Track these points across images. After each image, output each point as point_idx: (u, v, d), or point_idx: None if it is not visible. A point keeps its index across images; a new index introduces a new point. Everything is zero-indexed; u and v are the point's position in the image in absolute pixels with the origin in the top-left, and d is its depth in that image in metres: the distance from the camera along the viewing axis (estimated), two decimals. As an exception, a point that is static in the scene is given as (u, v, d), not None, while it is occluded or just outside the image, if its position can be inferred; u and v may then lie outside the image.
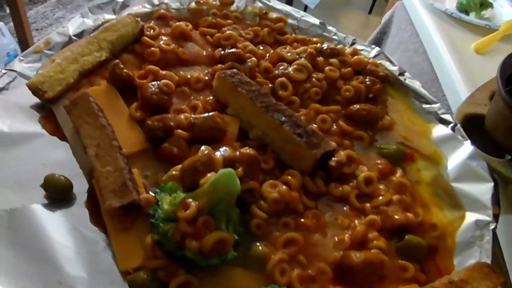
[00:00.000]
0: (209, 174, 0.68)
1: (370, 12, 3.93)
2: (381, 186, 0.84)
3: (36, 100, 0.86)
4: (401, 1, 1.70)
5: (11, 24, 2.57)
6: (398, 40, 1.68)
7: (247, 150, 0.76)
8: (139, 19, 0.97)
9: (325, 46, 1.01)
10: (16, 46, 2.53)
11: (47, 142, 0.82)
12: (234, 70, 0.88)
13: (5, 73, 0.88)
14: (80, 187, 0.77)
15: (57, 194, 0.75)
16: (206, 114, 0.82)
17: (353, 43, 1.09)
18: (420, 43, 1.51)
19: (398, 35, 1.69)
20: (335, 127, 0.92)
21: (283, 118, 0.82)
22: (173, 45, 0.96)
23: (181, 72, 0.91)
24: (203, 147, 0.73)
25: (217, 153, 0.72)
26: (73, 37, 0.97)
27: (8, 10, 2.74)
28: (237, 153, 0.74)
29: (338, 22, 3.66)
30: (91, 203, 0.75)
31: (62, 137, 0.83)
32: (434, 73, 1.38)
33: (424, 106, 0.99)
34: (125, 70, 0.86)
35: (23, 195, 0.74)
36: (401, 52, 1.61)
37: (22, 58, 0.91)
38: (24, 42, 2.55)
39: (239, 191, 0.68)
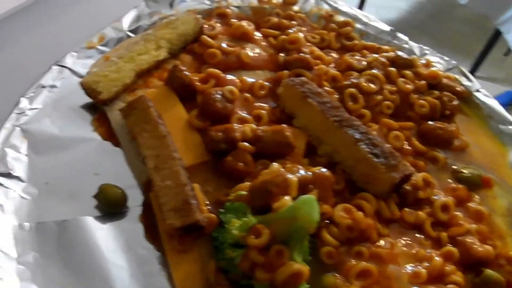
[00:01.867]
0: (286, 198, 0.61)
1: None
2: (458, 214, 0.76)
3: (88, 99, 0.80)
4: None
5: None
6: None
7: (321, 170, 0.68)
8: (199, 16, 0.90)
9: (399, 54, 0.93)
10: None
11: (99, 148, 0.76)
12: (303, 78, 0.80)
13: (56, 69, 0.82)
14: (134, 199, 0.71)
15: (111, 207, 0.69)
16: (274, 127, 0.75)
17: (424, 54, 1.00)
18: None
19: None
20: (406, 145, 0.84)
21: (358, 136, 0.74)
22: (235, 46, 0.88)
23: (244, 78, 0.84)
24: (275, 165, 0.66)
25: (290, 175, 0.64)
26: (128, 32, 0.91)
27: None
28: (310, 173, 0.67)
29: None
30: (146, 217, 0.69)
31: (115, 143, 0.77)
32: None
33: (501, 127, 0.91)
34: (185, 73, 0.79)
35: (74, 206, 0.69)
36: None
37: (74, 53, 0.85)
38: None
39: (318, 220, 0.61)
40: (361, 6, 3.04)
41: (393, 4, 3.34)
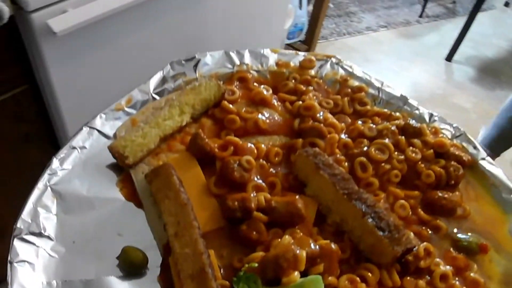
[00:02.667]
0: (295, 273, 0.66)
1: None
2: (456, 283, 0.81)
3: (113, 159, 0.86)
4: None
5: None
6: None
7: (328, 244, 0.73)
8: (221, 82, 0.96)
9: (410, 122, 0.98)
10: (306, 21, 2.75)
11: (123, 208, 0.81)
12: (317, 149, 0.85)
13: (85, 130, 0.88)
14: (154, 260, 0.76)
15: (132, 269, 0.74)
16: (287, 198, 0.80)
17: (433, 120, 1.04)
18: None
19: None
20: (410, 213, 0.89)
21: (366, 209, 0.78)
22: (253, 112, 0.94)
23: (262, 146, 0.89)
24: (287, 238, 0.71)
25: (299, 250, 0.69)
26: (154, 95, 0.96)
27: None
28: (318, 248, 0.72)
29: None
30: (164, 278, 0.74)
31: (138, 204, 0.82)
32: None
33: (504, 195, 0.94)
34: (206, 141, 0.84)
35: (98, 265, 0.74)
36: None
37: (103, 115, 0.91)
38: (314, 21, 2.74)
39: (324, 298, 0.65)
40: (459, 40, 3.08)
41: (493, 42, 3.36)
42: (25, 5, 1.09)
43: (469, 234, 0.89)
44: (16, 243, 0.72)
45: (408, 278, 0.80)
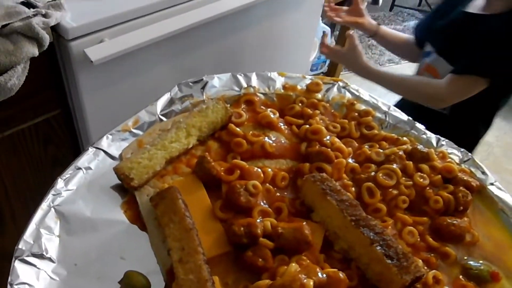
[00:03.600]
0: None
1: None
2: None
3: (118, 181, 0.85)
4: None
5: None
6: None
7: (336, 273, 0.72)
8: (228, 105, 0.95)
9: (418, 147, 0.97)
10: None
11: (127, 231, 0.80)
12: (324, 175, 0.84)
13: (91, 151, 0.88)
14: (157, 284, 0.74)
15: (134, 294, 0.73)
16: (293, 225, 0.79)
17: (441, 145, 1.03)
18: None
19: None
20: (419, 239, 0.87)
21: (374, 236, 0.77)
22: (260, 135, 0.93)
23: (268, 170, 0.88)
24: (294, 266, 0.70)
25: (306, 280, 0.67)
26: (160, 116, 0.96)
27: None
28: (325, 276, 0.70)
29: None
30: (167, 304, 0.73)
31: (142, 227, 0.81)
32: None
33: (513, 221, 0.93)
34: (212, 164, 0.83)
35: (99, 289, 0.73)
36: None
37: (109, 135, 0.90)
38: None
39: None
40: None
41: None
42: (65, 33, 1.15)
43: (480, 261, 0.87)
44: (17, 264, 0.70)
45: (417, 306, 0.78)
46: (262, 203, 0.84)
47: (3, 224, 1.38)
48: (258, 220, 0.79)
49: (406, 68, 3.62)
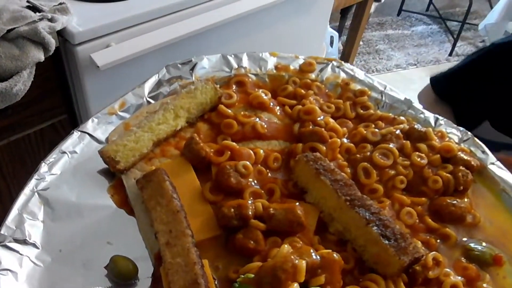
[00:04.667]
0: (294, 285, 0.61)
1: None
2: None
3: (104, 165, 0.82)
4: None
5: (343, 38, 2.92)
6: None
7: (330, 254, 0.69)
8: (218, 86, 0.92)
9: (415, 126, 0.94)
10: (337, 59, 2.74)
11: (113, 216, 0.78)
12: (317, 154, 0.81)
13: (76, 135, 0.85)
14: (144, 270, 0.72)
15: (121, 279, 0.70)
16: (286, 205, 0.76)
17: (439, 124, 1.00)
18: None
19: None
20: (417, 221, 0.84)
21: (370, 216, 0.74)
22: (251, 116, 0.90)
23: (260, 151, 0.85)
24: (286, 248, 0.67)
25: (298, 260, 0.64)
26: (148, 99, 0.93)
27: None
28: (319, 258, 0.67)
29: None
30: (155, 289, 0.70)
31: (129, 211, 0.78)
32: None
33: (516, 201, 0.90)
34: (201, 145, 0.80)
35: (85, 275, 0.70)
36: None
37: (95, 119, 0.87)
38: (345, 58, 2.79)
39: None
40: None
41: None
42: (71, 38, 1.15)
43: (483, 244, 0.84)
44: (-1, 250, 0.68)
45: (416, 289, 0.75)
46: (253, 184, 0.81)
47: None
48: (249, 202, 0.76)
49: (413, 74, 3.61)
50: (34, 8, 1.14)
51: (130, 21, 1.24)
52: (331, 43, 2.79)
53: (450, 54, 4.09)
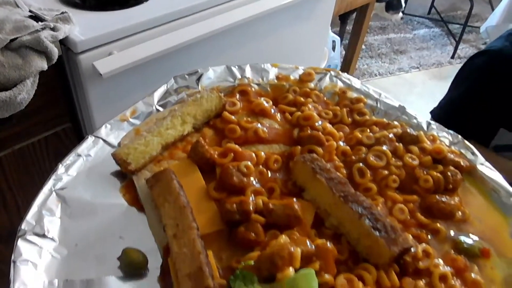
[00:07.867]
0: (289, 269, 0.67)
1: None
2: (455, 284, 0.80)
3: (117, 168, 0.88)
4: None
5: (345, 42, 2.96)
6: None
7: (324, 243, 0.74)
8: (222, 94, 0.99)
9: (408, 131, 0.99)
10: (339, 63, 2.85)
11: (125, 213, 0.84)
12: (314, 155, 0.87)
13: (91, 139, 0.92)
14: (154, 262, 0.77)
15: (132, 269, 0.76)
16: (284, 201, 0.82)
17: (431, 129, 1.06)
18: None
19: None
20: (409, 217, 0.89)
21: (362, 210, 0.80)
22: (253, 122, 0.96)
23: (261, 153, 0.92)
24: (283, 238, 0.72)
25: (293, 248, 0.70)
26: (157, 106, 1.00)
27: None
28: (314, 247, 0.73)
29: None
30: (163, 279, 0.75)
31: (140, 208, 0.85)
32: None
33: (504, 200, 0.94)
34: (207, 148, 0.87)
35: (99, 266, 0.76)
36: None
37: (108, 125, 0.94)
38: (347, 62, 2.83)
39: (317, 290, 0.66)
40: None
41: None
42: (74, 46, 1.17)
43: (472, 237, 0.89)
44: (20, 243, 0.74)
45: (407, 279, 0.79)
46: (255, 183, 0.87)
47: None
48: (251, 199, 0.82)
49: (416, 77, 3.64)
50: (37, 18, 1.16)
51: (131, 29, 1.26)
52: (333, 48, 2.83)
53: (453, 57, 4.12)
